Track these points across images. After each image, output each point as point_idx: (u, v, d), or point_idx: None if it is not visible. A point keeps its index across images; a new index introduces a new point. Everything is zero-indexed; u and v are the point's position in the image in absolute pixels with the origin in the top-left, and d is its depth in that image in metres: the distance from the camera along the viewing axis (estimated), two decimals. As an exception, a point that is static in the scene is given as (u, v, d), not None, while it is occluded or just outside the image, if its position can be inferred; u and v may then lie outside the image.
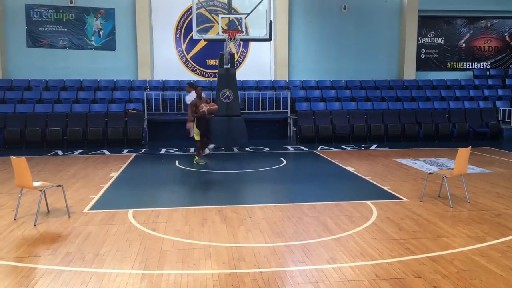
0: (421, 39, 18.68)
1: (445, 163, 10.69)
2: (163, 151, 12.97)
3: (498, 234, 5.60)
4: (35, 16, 16.61)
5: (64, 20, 16.79)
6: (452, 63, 19.01)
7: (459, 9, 18.49)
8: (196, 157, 10.66)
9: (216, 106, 10.88)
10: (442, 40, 18.87)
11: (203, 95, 11.12)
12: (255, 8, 14.49)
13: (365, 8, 18.17)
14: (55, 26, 16.76)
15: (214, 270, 4.49)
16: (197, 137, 10.51)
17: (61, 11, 16.71)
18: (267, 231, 5.71)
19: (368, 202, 7.08)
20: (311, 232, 5.69)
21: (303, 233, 5.64)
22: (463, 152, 6.89)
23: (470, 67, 19.06)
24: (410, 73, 18.31)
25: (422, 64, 18.80)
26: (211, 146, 11.84)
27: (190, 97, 12.04)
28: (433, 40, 18.83)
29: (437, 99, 16.79)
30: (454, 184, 7.99)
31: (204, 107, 10.34)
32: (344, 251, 5.01)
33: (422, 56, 18.82)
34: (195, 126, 10.53)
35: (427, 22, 18.69)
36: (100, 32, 17.05)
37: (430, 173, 7.60)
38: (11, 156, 6.19)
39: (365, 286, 4.14)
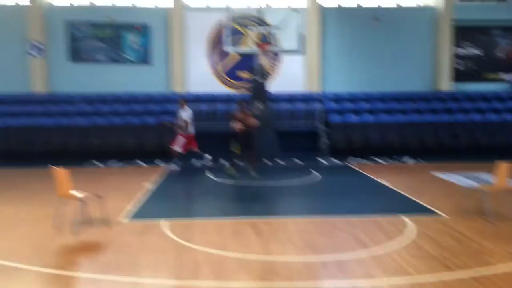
0: (457, 49, 18.27)
1: (486, 178, 10.35)
2: (196, 162, 13.12)
3: (543, 252, 5.37)
4: (76, 32, 17.26)
5: (103, 36, 17.37)
6: (490, 74, 18.48)
7: (496, 18, 18.02)
8: (230, 168, 10.57)
9: (255, 121, 10.70)
10: (479, 51, 18.40)
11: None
12: (286, 21, 14.57)
13: (398, 18, 17.97)
14: (95, 42, 17.36)
15: (247, 282, 4.50)
16: (236, 150, 10.40)
17: (100, 27, 17.31)
18: (300, 244, 5.68)
19: (404, 217, 6.94)
20: (345, 246, 5.62)
21: (336, 248, 5.58)
22: (503, 167, 6.67)
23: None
24: (446, 84, 17.91)
25: (458, 76, 18.35)
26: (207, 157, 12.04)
27: (186, 112, 12.15)
28: (469, 50, 18.39)
29: (475, 111, 16.33)
30: (495, 200, 7.70)
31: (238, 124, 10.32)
32: (380, 267, 4.91)
33: (458, 67, 18.39)
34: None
35: (463, 33, 18.28)
36: (136, 47, 17.53)
37: (469, 188, 7.38)
38: (53, 167, 6.41)
39: (402, 303, 4.05)
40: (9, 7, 17.01)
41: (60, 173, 6.14)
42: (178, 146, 11.37)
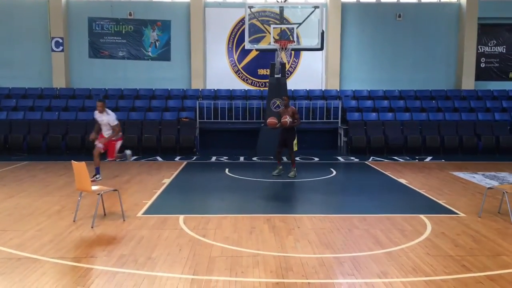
0: (480, 47, 17.90)
1: (506, 178, 10.14)
2: (213, 159, 13.18)
3: None
4: (97, 28, 17.49)
5: (123, 32, 17.56)
6: (515, 72, 18.06)
7: (522, 15, 17.58)
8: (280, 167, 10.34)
9: (285, 120, 9.84)
10: (504, 49, 17.98)
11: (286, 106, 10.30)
12: (307, 18, 14.49)
13: (421, 16, 17.69)
14: (115, 38, 17.56)
15: (261, 279, 4.50)
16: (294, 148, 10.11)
17: (121, 23, 17.50)
18: (316, 241, 5.65)
19: (421, 216, 6.84)
20: (361, 244, 5.58)
21: (352, 245, 5.54)
22: (526, 166, 6.50)
23: (535, 77, 18.02)
24: (468, 83, 17.56)
25: (481, 74, 17.99)
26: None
27: (110, 115, 9.93)
28: (494, 48, 17.99)
29: (498, 110, 15.98)
30: (516, 200, 7.55)
31: (289, 119, 9.77)
32: (396, 265, 4.86)
33: (482, 65, 18.01)
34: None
35: (487, 30, 17.89)
36: (157, 43, 17.67)
37: (489, 188, 7.23)
38: (72, 161, 6.52)
39: (417, 303, 4.00)
40: (31, 3, 17.32)
41: (79, 167, 6.24)
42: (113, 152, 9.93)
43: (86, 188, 6.29)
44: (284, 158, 12.09)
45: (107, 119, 9.79)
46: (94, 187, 6.49)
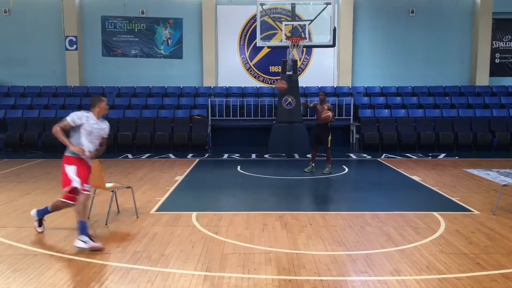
0: (495, 43, 17.67)
1: (522, 175, 10.01)
2: (225, 156, 13.22)
3: None
4: (109, 26, 17.64)
5: (136, 30, 17.68)
6: (530, 68, 17.79)
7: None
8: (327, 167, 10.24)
9: (328, 114, 9.75)
10: (519, 44, 17.72)
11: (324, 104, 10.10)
12: (318, 14, 14.44)
13: (434, 11, 17.51)
14: (128, 36, 17.70)
15: (274, 276, 4.51)
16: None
17: (133, 21, 17.63)
18: (328, 239, 5.65)
19: (435, 213, 6.79)
20: (373, 242, 5.56)
21: (365, 243, 5.52)
22: (542, 163, 6.41)
23: (551, 73, 17.73)
24: (483, 79, 17.35)
25: (496, 70, 17.76)
26: None
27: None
28: (509, 44, 17.74)
29: (513, 107, 15.78)
30: (532, 198, 7.47)
31: (330, 113, 9.70)
32: (409, 263, 4.84)
33: (497, 61, 17.78)
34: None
35: (502, 25, 17.64)
36: (169, 41, 17.77)
37: (504, 185, 7.15)
38: (86, 158, 6.58)
39: (430, 300, 3.98)
40: (44, 1, 17.52)
41: (94, 164, 6.30)
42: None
43: (100, 185, 6.36)
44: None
45: (107, 128, 6.27)
46: (108, 184, 6.56)
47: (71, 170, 5.65)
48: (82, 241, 5.17)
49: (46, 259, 4.96)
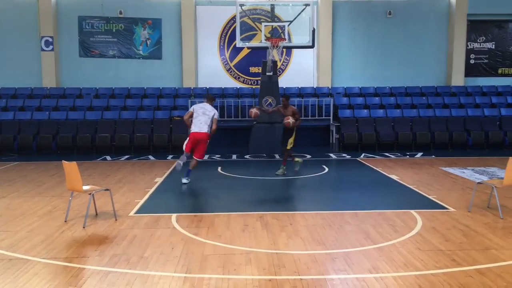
0: (470, 44, 18.06)
1: (496, 173, 10.25)
2: (206, 157, 13.13)
3: (553, 247, 5.31)
4: (87, 27, 17.40)
5: (114, 30, 17.48)
6: (503, 68, 18.23)
7: (511, 12, 17.74)
8: (296, 159, 10.31)
9: (288, 121, 9.67)
10: (493, 45, 18.15)
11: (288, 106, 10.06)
12: (298, 15, 14.53)
13: (411, 13, 17.81)
14: (106, 37, 17.49)
15: (254, 276, 4.52)
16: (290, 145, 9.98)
17: (111, 22, 17.42)
18: (308, 238, 5.69)
19: (412, 211, 6.90)
20: (352, 240, 5.62)
21: (344, 241, 5.58)
22: (515, 161, 6.58)
23: (524, 73, 18.22)
24: (458, 79, 17.72)
25: (471, 70, 18.15)
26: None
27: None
28: (483, 45, 18.15)
29: (487, 106, 16.15)
30: (505, 195, 7.66)
31: (291, 120, 9.62)
32: (387, 260, 4.91)
33: (472, 61, 18.18)
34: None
35: (477, 26, 18.05)
36: (148, 42, 17.62)
37: (479, 183, 7.31)
38: (63, 161, 6.49)
39: (408, 297, 4.05)
40: (20, 1, 17.18)
41: (70, 167, 6.21)
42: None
43: (77, 188, 6.27)
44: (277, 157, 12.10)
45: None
46: (85, 187, 6.47)
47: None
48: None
49: (22, 264, 4.86)
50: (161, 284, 4.33)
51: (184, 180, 9.18)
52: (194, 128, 9.11)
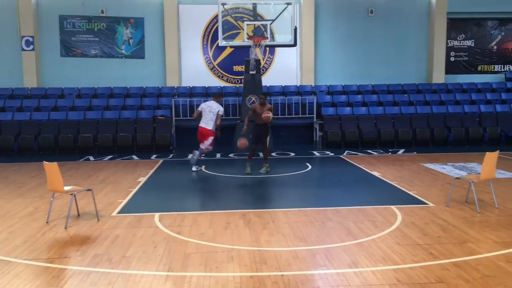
0: (450, 41, 18.35)
1: (475, 168, 10.46)
2: (190, 156, 13.14)
3: (527, 240, 5.47)
4: (68, 26, 17.21)
5: (95, 29, 17.32)
6: (483, 66, 18.57)
7: (490, 10, 18.07)
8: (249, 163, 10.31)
9: (268, 116, 9.76)
10: (473, 43, 18.47)
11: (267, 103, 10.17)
12: (279, 14, 14.59)
13: (392, 11, 18.00)
14: (87, 36, 17.32)
15: (236, 273, 4.57)
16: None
17: (93, 21, 17.26)
18: (290, 235, 5.76)
19: (393, 207, 7.03)
20: (333, 236, 5.71)
21: (325, 238, 5.66)
22: (491, 156, 6.76)
23: (502, 70, 18.57)
24: (439, 76, 17.99)
25: (451, 68, 18.44)
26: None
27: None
28: (463, 42, 18.46)
29: (467, 103, 16.44)
30: (483, 189, 7.83)
31: (271, 114, 9.74)
32: (366, 255, 5.01)
33: (452, 59, 18.46)
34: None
35: (456, 25, 18.34)
36: (130, 41, 17.50)
37: (457, 178, 7.48)
38: (43, 161, 6.45)
39: (386, 290, 4.14)
40: (0, 1, 16.91)
41: (51, 167, 6.18)
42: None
43: (58, 188, 6.24)
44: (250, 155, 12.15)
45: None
46: (66, 187, 6.44)
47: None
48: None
49: (3, 265, 4.83)
50: (142, 283, 4.36)
51: (194, 168, 10.63)
52: (201, 123, 10.68)
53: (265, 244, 5.43)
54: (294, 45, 14.42)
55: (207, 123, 10.52)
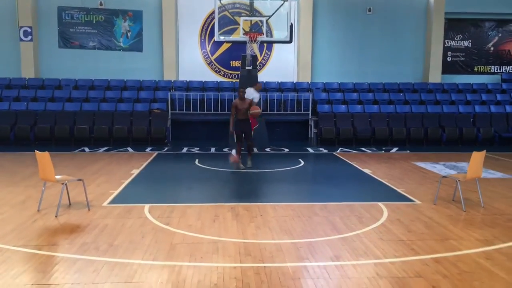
0: (447, 42, 18.43)
1: (465, 167, 10.52)
2: (185, 149, 13.26)
3: (507, 238, 5.57)
4: (66, 18, 17.25)
5: (94, 21, 17.37)
6: (479, 66, 18.66)
7: (487, 11, 18.15)
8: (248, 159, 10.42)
9: (258, 110, 10.12)
10: (470, 43, 18.56)
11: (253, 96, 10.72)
12: (276, 10, 14.65)
13: (390, 10, 18.07)
14: (85, 28, 17.36)
15: (219, 264, 4.67)
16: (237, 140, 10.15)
17: (91, 13, 17.30)
18: (276, 228, 5.85)
19: (380, 203, 7.12)
20: (318, 231, 5.80)
21: (310, 232, 5.75)
22: (477, 156, 6.85)
23: (498, 71, 18.67)
24: (435, 76, 18.08)
25: (448, 68, 18.54)
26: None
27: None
28: (460, 43, 18.54)
29: (462, 103, 16.54)
30: (470, 188, 7.93)
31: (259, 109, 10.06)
32: (349, 249, 5.10)
33: (449, 59, 18.55)
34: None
35: (454, 25, 18.42)
36: (128, 34, 17.55)
37: (443, 177, 7.57)
38: (35, 150, 6.53)
39: (364, 283, 4.23)
40: (-1, -9, 16.95)
41: (43, 156, 6.26)
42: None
43: (49, 177, 6.32)
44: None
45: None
46: (58, 177, 6.52)
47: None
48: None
49: (-9, 252, 4.92)
50: (127, 271, 4.45)
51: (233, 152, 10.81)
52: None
53: (251, 237, 5.52)
54: (290, 41, 14.48)
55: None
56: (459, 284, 4.23)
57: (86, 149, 13.09)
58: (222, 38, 14.92)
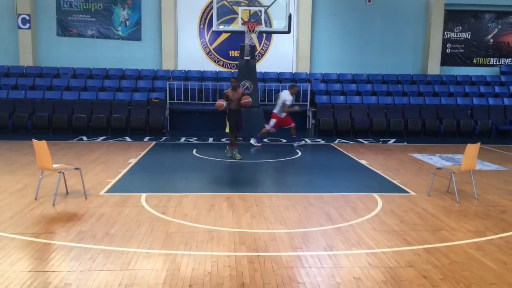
0: (447, 33, 18.37)
1: (461, 159, 10.57)
2: (182, 139, 13.30)
3: (499, 229, 5.65)
4: (65, 5, 17.15)
5: (92, 10, 17.28)
6: (478, 58, 18.63)
7: (487, 3, 18.07)
8: (227, 147, 10.61)
9: (248, 100, 10.22)
10: (469, 35, 18.50)
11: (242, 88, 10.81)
12: (275, 0, 14.58)
13: (390, 1, 17.98)
14: (84, 16, 17.28)
15: (214, 252, 4.73)
16: (227, 130, 10.28)
17: (90, 1, 17.21)
18: (271, 218, 5.91)
19: (375, 194, 7.18)
20: (313, 221, 5.87)
21: (305, 222, 5.82)
22: (472, 148, 6.91)
23: (497, 63, 18.65)
24: (434, 68, 18.06)
25: (447, 59, 18.50)
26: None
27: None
28: (459, 35, 18.49)
29: (461, 95, 16.55)
30: (465, 180, 8.00)
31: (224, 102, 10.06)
32: (342, 239, 5.17)
33: (448, 51, 18.51)
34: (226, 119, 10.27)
35: (453, 17, 18.35)
36: (127, 23, 17.47)
37: (438, 168, 7.63)
38: (33, 139, 6.57)
39: (355, 272, 4.31)
40: (-3, -22, 16.84)
41: (40, 145, 6.30)
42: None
43: (46, 166, 6.37)
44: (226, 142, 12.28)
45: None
46: (55, 165, 6.57)
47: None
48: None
49: (-11, 239, 4.98)
50: (123, 259, 4.51)
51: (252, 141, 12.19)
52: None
53: (246, 226, 5.58)
54: (288, 32, 14.44)
55: (276, 107, 12.12)
56: (449, 273, 4.30)
57: (84, 138, 13.12)
58: (220, 27, 14.89)
